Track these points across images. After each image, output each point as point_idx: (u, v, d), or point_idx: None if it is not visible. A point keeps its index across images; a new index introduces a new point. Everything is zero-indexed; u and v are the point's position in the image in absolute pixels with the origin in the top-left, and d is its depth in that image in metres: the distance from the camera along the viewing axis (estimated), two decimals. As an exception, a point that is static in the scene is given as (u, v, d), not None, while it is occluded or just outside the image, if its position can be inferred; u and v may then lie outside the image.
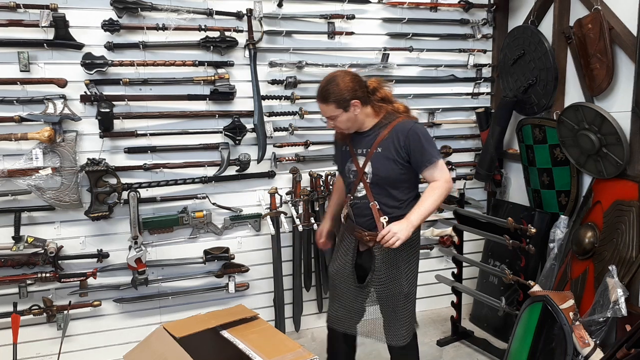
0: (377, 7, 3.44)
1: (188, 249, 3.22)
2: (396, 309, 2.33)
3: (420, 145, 2.19)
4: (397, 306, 2.32)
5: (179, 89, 3.06)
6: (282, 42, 3.27)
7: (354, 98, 2.18)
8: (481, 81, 3.75)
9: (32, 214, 2.91)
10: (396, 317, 2.34)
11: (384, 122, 2.26)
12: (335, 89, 2.17)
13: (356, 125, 2.26)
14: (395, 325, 2.35)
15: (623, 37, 2.71)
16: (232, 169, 3.20)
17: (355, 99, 2.18)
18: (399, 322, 2.34)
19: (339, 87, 2.17)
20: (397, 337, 2.35)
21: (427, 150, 2.19)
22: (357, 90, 2.19)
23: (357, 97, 2.18)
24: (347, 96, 2.17)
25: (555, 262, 3.12)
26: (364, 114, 2.24)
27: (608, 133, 2.74)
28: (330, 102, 2.18)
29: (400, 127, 2.22)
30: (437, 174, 2.20)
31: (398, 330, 2.35)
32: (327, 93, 2.19)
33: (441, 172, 2.20)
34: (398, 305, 2.32)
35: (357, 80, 2.22)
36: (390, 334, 2.37)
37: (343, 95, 2.16)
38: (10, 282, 2.85)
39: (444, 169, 2.22)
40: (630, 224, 2.65)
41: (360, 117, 2.24)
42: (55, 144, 2.82)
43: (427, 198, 2.18)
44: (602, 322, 2.54)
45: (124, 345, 2.92)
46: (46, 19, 2.74)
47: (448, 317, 3.45)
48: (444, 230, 3.70)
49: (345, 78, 2.19)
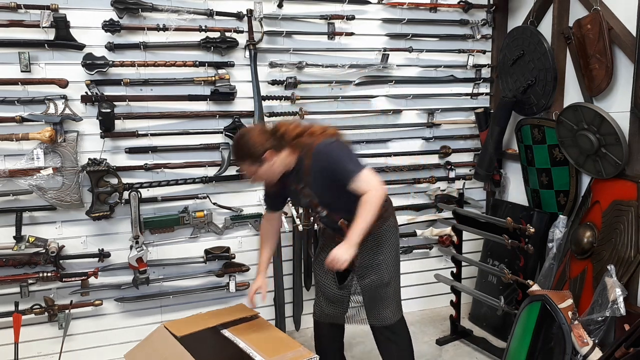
0: (376, 8, 3.45)
1: (189, 249, 3.23)
2: (379, 295, 2.39)
3: (336, 164, 2.18)
4: (379, 292, 2.39)
5: (180, 89, 3.07)
6: (282, 43, 3.27)
7: (266, 150, 2.18)
8: (480, 81, 3.76)
9: (33, 214, 2.92)
10: (378, 300, 2.40)
11: (303, 154, 2.24)
12: (245, 147, 2.19)
13: (278, 171, 2.27)
14: (377, 307, 2.41)
15: (622, 38, 2.72)
16: (232, 169, 3.21)
17: (267, 150, 2.18)
18: (382, 304, 2.40)
19: (248, 143, 2.19)
20: (380, 318, 2.41)
21: (344, 167, 2.17)
22: (266, 142, 2.19)
23: (268, 148, 2.18)
24: (259, 150, 2.17)
25: (554, 262, 3.13)
26: (281, 159, 2.24)
27: (607, 133, 2.75)
28: (244, 161, 2.22)
29: (316, 152, 2.19)
30: (363, 185, 2.14)
31: (380, 312, 2.41)
32: (239, 152, 2.23)
33: (367, 183, 2.15)
34: (380, 292, 2.39)
35: (264, 132, 2.23)
36: (373, 316, 2.43)
37: (255, 151, 2.18)
38: (12, 282, 2.86)
39: (368, 179, 2.15)
40: (629, 223, 2.66)
41: (278, 165, 2.24)
42: (56, 144, 2.82)
43: (361, 214, 2.15)
44: (601, 322, 2.55)
45: (125, 345, 2.93)
46: (47, 19, 2.74)
47: (447, 316, 3.46)
48: (443, 230, 3.71)
49: (254, 133, 2.22)
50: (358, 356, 3.20)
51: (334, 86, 3.40)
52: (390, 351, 2.50)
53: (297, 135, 2.24)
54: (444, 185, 3.76)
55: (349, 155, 2.22)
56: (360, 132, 3.50)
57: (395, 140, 3.62)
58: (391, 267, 2.41)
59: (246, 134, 2.22)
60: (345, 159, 2.19)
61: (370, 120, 3.53)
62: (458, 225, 3.34)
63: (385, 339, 2.48)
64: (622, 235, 2.67)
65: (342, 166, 2.17)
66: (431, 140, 3.71)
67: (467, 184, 3.82)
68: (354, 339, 3.35)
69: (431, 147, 3.71)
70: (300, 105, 3.32)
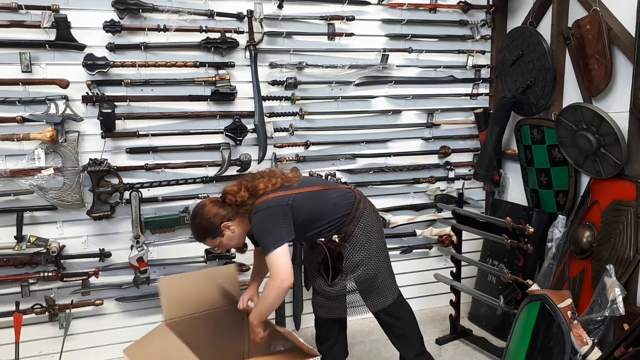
0: (376, 9, 3.46)
1: (189, 248, 3.23)
2: (371, 285, 2.44)
3: (258, 234, 2.26)
4: (371, 283, 2.44)
5: (180, 89, 3.08)
6: (283, 43, 3.28)
7: (221, 222, 2.26)
8: (480, 82, 3.77)
9: (34, 214, 2.93)
10: (372, 289, 2.45)
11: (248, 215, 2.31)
12: (201, 226, 2.27)
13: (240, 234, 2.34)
14: (372, 295, 2.45)
15: (621, 38, 2.73)
16: (233, 169, 3.22)
17: (222, 223, 2.26)
18: (376, 291, 2.45)
19: (202, 221, 2.26)
20: (377, 303, 2.45)
21: (262, 240, 2.24)
22: (218, 214, 2.26)
23: (223, 219, 2.26)
24: (215, 224, 2.25)
25: (553, 262, 3.14)
26: (237, 225, 2.31)
27: (606, 133, 2.76)
28: (205, 239, 2.31)
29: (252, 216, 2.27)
30: (270, 264, 2.20)
31: (376, 298, 2.45)
32: (199, 233, 2.31)
33: (273, 268, 2.18)
34: (372, 283, 2.44)
35: (215, 204, 2.30)
36: (370, 303, 2.46)
37: (211, 226, 2.26)
38: (13, 281, 2.87)
39: (276, 265, 2.17)
40: (628, 223, 2.66)
41: (237, 231, 2.32)
42: (57, 145, 2.83)
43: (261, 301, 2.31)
44: (600, 321, 2.55)
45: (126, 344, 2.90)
46: (48, 20, 2.75)
47: (447, 315, 3.47)
48: (442, 230, 3.72)
49: (206, 208, 2.28)
50: (358, 356, 3.20)
51: (334, 86, 3.40)
52: (393, 329, 2.55)
53: (242, 202, 2.27)
54: (443, 185, 3.77)
55: (270, 229, 2.21)
56: (360, 132, 3.51)
57: (395, 141, 3.63)
58: (377, 257, 2.44)
59: (198, 213, 2.29)
60: (265, 231, 2.22)
61: (370, 120, 3.54)
62: (457, 225, 3.34)
63: (386, 320, 2.53)
64: (621, 235, 2.68)
65: (261, 238, 2.24)
66: (431, 141, 3.71)
67: (467, 184, 3.83)
68: (354, 338, 3.36)
69: (431, 147, 3.72)
70: (301, 106, 3.33)
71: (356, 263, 2.39)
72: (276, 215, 2.23)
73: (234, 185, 2.32)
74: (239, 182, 2.34)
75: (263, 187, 2.28)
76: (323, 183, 2.60)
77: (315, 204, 2.34)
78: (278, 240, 2.19)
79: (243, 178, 2.40)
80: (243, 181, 2.34)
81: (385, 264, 2.51)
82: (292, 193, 2.29)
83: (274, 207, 2.23)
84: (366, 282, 2.42)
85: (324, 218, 2.35)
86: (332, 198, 2.40)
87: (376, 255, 2.44)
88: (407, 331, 2.57)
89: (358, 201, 2.44)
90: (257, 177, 2.35)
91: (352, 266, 2.40)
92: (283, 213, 2.23)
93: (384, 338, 2.66)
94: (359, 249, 2.39)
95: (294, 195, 2.29)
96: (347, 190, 2.50)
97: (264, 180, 2.31)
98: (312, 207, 2.33)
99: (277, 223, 2.22)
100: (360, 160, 3.56)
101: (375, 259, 2.43)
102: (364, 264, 2.39)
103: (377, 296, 2.46)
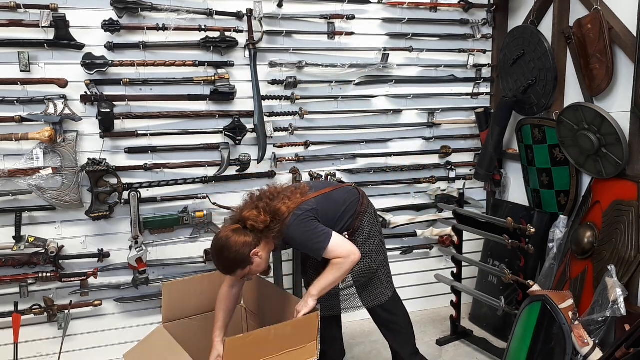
0: (377, 8, 3.45)
1: (188, 249, 3.22)
2: (370, 281, 2.45)
3: (303, 245, 2.24)
4: (371, 278, 2.45)
5: (179, 89, 3.07)
6: (282, 43, 3.27)
7: (251, 250, 2.12)
8: (481, 81, 3.76)
9: (33, 214, 2.92)
10: (370, 285, 2.46)
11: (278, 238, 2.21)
12: (230, 257, 2.11)
13: (268, 259, 2.26)
14: (369, 290, 2.45)
15: (623, 37, 2.72)
16: (232, 169, 3.21)
17: (252, 250, 2.12)
18: (374, 286, 2.46)
19: (232, 252, 2.09)
20: (373, 298, 2.46)
21: (310, 246, 2.21)
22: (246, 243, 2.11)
23: (251, 248, 2.12)
24: (245, 253, 2.11)
25: (554, 262, 3.12)
26: (266, 249, 2.20)
27: (607, 133, 2.75)
28: (235, 272, 2.15)
29: (286, 234, 2.19)
30: (333, 255, 2.19)
31: (372, 293, 2.46)
32: (228, 267, 2.15)
33: (338, 251, 2.19)
34: (371, 278, 2.45)
35: (240, 231, 2.13)
36: (366, 298, 2.46)
37: (241, 256, 2.11)
38: (11, 282, 2.86)
39: (338, 247, 2.18)
40: (630, 223, 2.65)
41: (265, 255, 2.20)
42: (55, 144, 2.82)
43: (328, 273, 2.22)
44: (601, 322, 2.55)
45: (125, 345, 2.92)
46: (46, 19, 2.74)
47: (447, 316, 3.45)
48: (443, 230, 3.71)
49: (232, 239, 2.10)
50: (358, 357, 3.19)
51: (334, 86, 3.39)
52: (390, 325, 2.56)
53: (272, 220, 2.16)
54: (444, 185, 3.76)
55: (311, 232, 2.19)
56: (361, 132, 3.49)
57: (395, 140, 3.62)
58: (377, 253, 2.46)
59: (225, 246, 2.11)
60: (308, 236, 2.19)
61: (370, 120, 3.53)
62: (458, 226, 3.33)
63: (384, 315, 2.53)
64: (622, 236, 2.67)
65: (308, 246, 2.22)
66: (431, 140, 3.70)
67: (468, 184, 3.82)
68: (354, 339, 3.35)
69: (431, 147, 3.71)
70: (300, 105, 3.32)
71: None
72: (308, 219, 2.20)
73: (252, 210, 2.18)
74: (254, 205, 2.21)
75: (286, 210, 2.18)
76: (329, 185, 2.60)
77: (330, 205, 2.35)
78: (325, 236, 2.18)
79: (256, 199, 2.26)
80: (259, 204, 2.20)
81: (385, 260, 2.53)
82: (310, 198, 2.29)
83: (302, 214, 2.20)
84: (366, 277, 2.43)
85: (340, 217, 2.38)
86: (342, 197, 2.42)
87: (378, 249, 2.46)
88: (403, 327, 2.58)
89: (362, 197, 2.49)
90: (275, 198, 2.24)
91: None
92: (313, 215, 2.23)
93: (384, 339, 2.65)
94: (363, 242, 2.40)
95: (313, 199, 2.29)
96: (349, 187, 2.53)
97: (285, 202, 2.20)
98: (330, 208, 2.34)
99: (313, 224, 2.20)
100: (361, 160, 3.55)
101: (377, 253, 2.45)
102: (367, 257, 2.40)
103: (375, 291, 2.47)
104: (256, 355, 2.03)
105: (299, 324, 2.15)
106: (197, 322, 2.57)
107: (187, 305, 2.55)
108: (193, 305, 2.56)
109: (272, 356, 2.09)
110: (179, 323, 2.51)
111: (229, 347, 1.94)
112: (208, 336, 2.37)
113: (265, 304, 2.57)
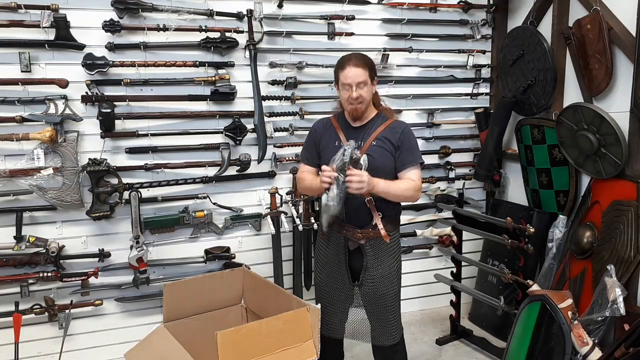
0: (376, 8, 3.45)
1: (189, 249, 3.23)
2: (386, 309, 2.34)
3: (412, 145, 2.30)
4: (387, 305, 2.34)
5: (180, 89, 3.08)
6: (283, 43, 3.28)
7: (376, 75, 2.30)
8: (480, 82, 3.77)
9: (33, 214, 2.92)
10: (386, 317, 2.36)
11: (378, 119, 2.32)
12: (368, 59, 2.26)
13: (366, 104, 2.26)
14: (385, 325, 2.36)
15: (622, 38, 2.73)
16: (232, 169, 3.21)
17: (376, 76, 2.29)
18: (389, 321, 2.36)
19: (370, 59, 2.27)
20: (388, 337, 2.37)
21: (416, 151, 2.30)
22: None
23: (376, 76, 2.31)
24: (375, 70, 2.29)
25: (553, 262, 3.13)
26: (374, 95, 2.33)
27: (607, 133, 2.76)
28: (366, 67, 2.22)
29: (397, 124, 2.32)
30: (414, 175, 2.26)
31: (388, 330, 2.37)
32: (364, 58, 2.25)
33: (418, 177, 2.28)
34: (387, 305, 2.34)
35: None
36: (380, 335, 2.38)
37: (374, 67, 2.28)
38: (12, 282, 2.86)
39: (420, 176, 2.30)
40: (629, 223, 2.66)
41: (372, 97, 2.30)
42: (56, 144, 2.83)
43: (398, 183, 2.23)
44: (601, 321, 2.55)
45: (125, 344, 2.91)
46: (47, 19, 2.75)
47: (447, 316, 3.46)
48: (443, 230, 3.72)
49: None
50: (358, 356, 3.20)
51: (334, 86, 3.39)
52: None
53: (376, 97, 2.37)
54: (443, 185, 3.76)
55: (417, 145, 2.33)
56: (360, 132, 3.50)
57: (395, 140, 3.62)
58: (399, 278, 2.40)
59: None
60: (418, 146, 2.33)
61: (370, 120, 3.53)
62: (458, 225, 3.34)
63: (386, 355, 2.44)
64: (621, 235, 2.67)
65: (416, 149, 2.30)
66: (431, 140, 3.71)
67: (467, 184, 3.83)
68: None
69: (431, 147, 3.71)
70: (300, 105, 3.32)
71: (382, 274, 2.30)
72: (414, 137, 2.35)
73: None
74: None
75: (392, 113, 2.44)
76: None
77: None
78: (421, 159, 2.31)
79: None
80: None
81: (400, 291, 2.43)
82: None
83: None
84: (383, 299, 2.32)
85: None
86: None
87: (399, 276, 2.40)
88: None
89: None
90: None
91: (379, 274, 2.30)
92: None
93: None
94: (390, 258, 2.34)
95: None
96: None
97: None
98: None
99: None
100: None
101: (398, 278, 2.39)
102: (389, 277, 2.32)
103: (389, 325, 2.36)
104: (252, 352, 2.04)
105: (290, 318, 2.14)
106: (197, 322, 2.58)
107: (188, 305, 2.55)
108: (194, 305, 2.57)
109: (270, 354, 2.09)
110: (179, 323, 2.52)
111: (222, 340, 1.96)
112: (208, 336, 2.37)
113: (265, 304, 2.57)
